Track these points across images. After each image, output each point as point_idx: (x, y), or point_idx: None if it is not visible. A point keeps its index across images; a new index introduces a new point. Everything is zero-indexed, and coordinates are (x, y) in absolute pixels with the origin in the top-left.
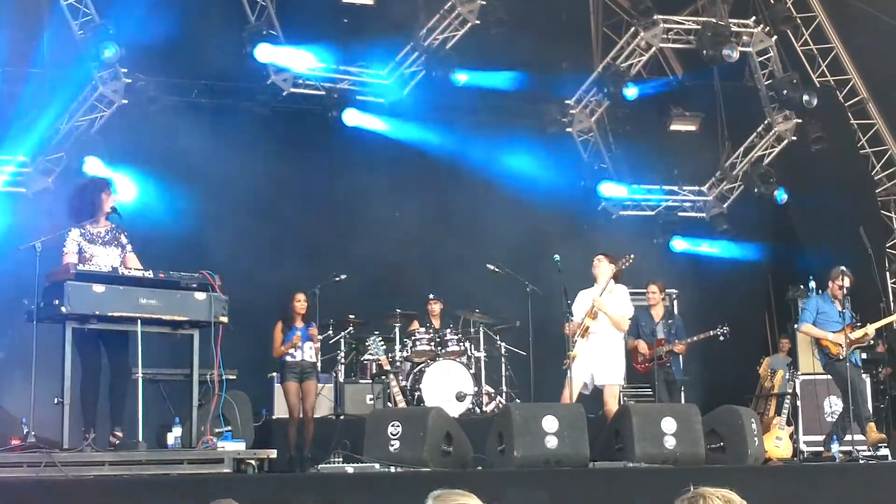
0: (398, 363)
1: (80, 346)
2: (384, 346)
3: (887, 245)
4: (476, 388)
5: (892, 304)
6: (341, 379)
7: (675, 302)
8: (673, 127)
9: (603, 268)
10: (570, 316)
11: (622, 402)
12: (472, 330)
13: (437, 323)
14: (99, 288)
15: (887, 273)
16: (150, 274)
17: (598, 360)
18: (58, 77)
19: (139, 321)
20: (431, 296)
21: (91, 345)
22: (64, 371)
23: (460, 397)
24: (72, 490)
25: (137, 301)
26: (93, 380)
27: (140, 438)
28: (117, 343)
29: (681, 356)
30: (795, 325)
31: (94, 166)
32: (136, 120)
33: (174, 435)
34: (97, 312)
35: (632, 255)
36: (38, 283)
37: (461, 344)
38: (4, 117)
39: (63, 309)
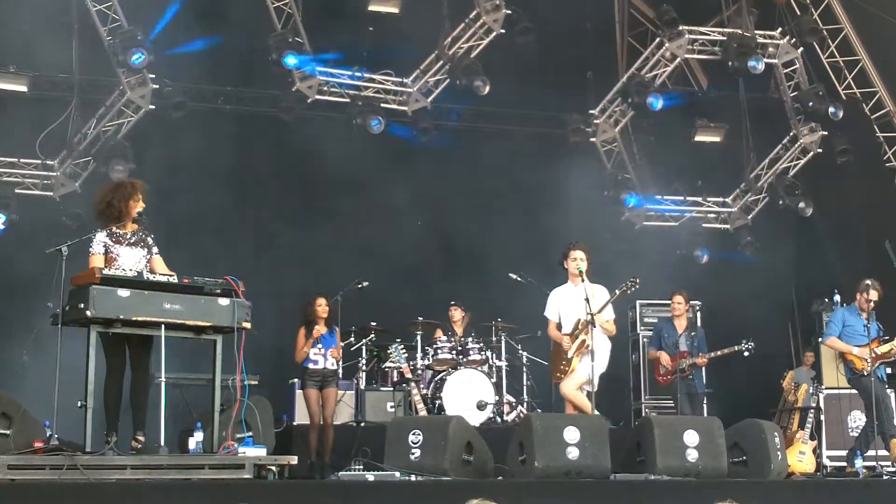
0: (419, 371)
1: (104, 349)
2: (406, 354)
3: None
4: (497, 398)
5: None
6: (362, 386)
7: (698, 314)
8: (697, 138)
9: (584, 266)
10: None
11: (645, 414)
12: (493, 339)
13: (458, 330)
14: (124, 292)
15: None
16: (174, 279)
17: (593, 367)
18: (86, 82)
19: (163, 326)
20: (452, 302)
21: (115, 348)
22: (87, 375)
23: (481, 406)
24: (93, 493)
25: (162, 306)
26: (116, 384)
27: (162, 443)
28: (140, 347)
29: (703, 369)
30: (820, 339)
31: (120, 171)
32: (162, 125)
33: (196, 440)
34: (121, 317)
35: (637, 279)
36: (63, 286)
37: (482, 353)
38: (33, 122)
39: (88, 313)
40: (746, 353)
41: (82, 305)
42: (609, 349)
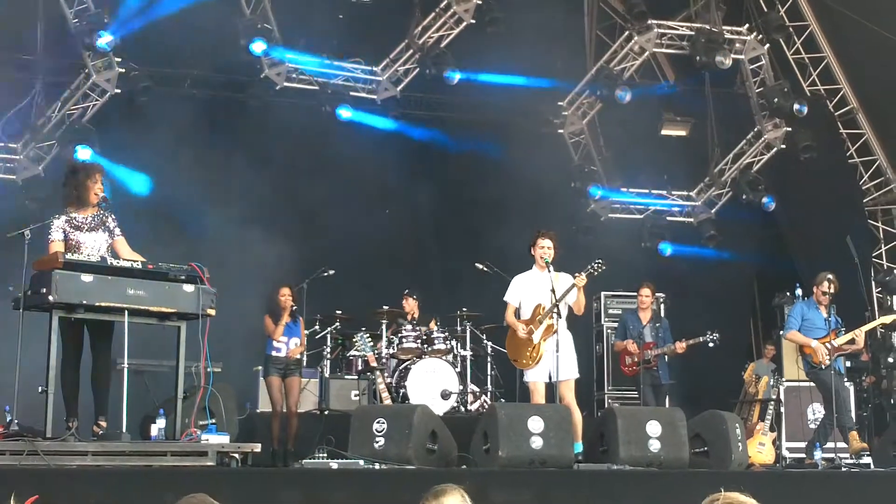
0: (384, 360)
1: (64, 334)
2: (371, 343)
3: (873, 254)
4: (461, 387)
5: (877, 313)
6: (327, 374)
7: (662, 306)
8: (664, 132)
9: (551, 254)
10: (557, 314)
11: (608, 405)
12: (458, 328)
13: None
14: (87, 277)
15: (873, 282)
16: (138, 265)
17: (557, 357)
18: (50, 65)
19: (126, 312)
20: (407, 290)
21: (74, 334)
22: (49, 360)
23: (445, 395)
24: (54, 479)
25: (125, 291)
26: (72, 369)
27: (124, 429)
28: (102, 333)
29: (667, 360)
30: (781, 332)
31: (84, 155)
32: (128, 109)
33: (158, 426)
34: (84, 302)
35: (602, 261)
36: (25, 271)
37: (447, 342)
38: None
39: (50, 298)
40: (712, 345)
41: (44, 290)
42: (572, 348)
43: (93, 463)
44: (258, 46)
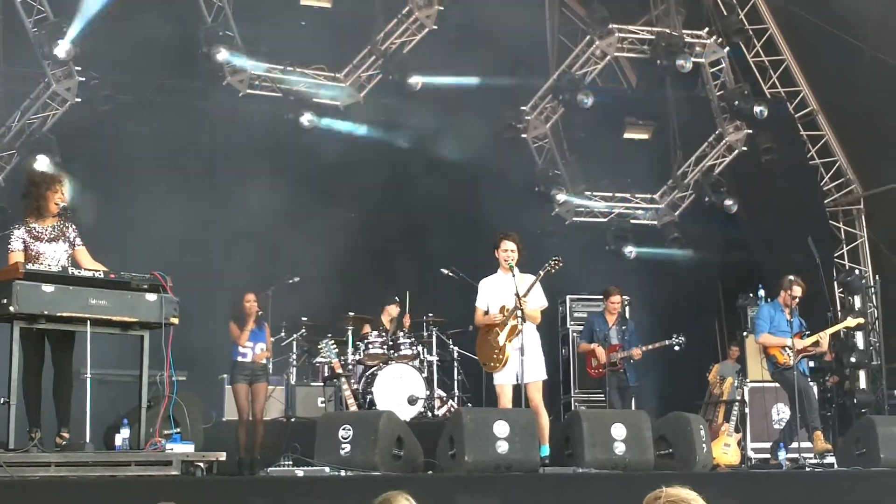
0: (350, 366)
1: (24, 345)
2: (336, 349)
3: (835, 255)
4: (428, 392)
5: (839, 313)
6: (293, 381)
7: (627, 308)
8: (626, 135)
9: (514, 257)
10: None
11: (574, 408)
12: (424, 334)
13: (389, 325)
14: (48, 287)
15: (835, 283)
16: (100, 274)
17: (524, 358)
18: (10, 74)
19: (88, 322)
20: (397, 298)
21: (35, 344)
22: (11, 371)
23: (412, 401)
24: (17, 491)
25: (87, 301)
26: (34, 379)
27: (87, 440)
28: (63, 343)
29: (633, 362)
30: (745, 333)
31: (44, 164)
32: (89, 118)
33: (122, 436)
34: (46, 312)
35: (559, 259)
36: None
37: (413, 347)
38: None
39: (11, 308)
40: (677, 348)
41: (5, 301)
42: (539, 349)
43: (56, 474)
44: (220, 53)
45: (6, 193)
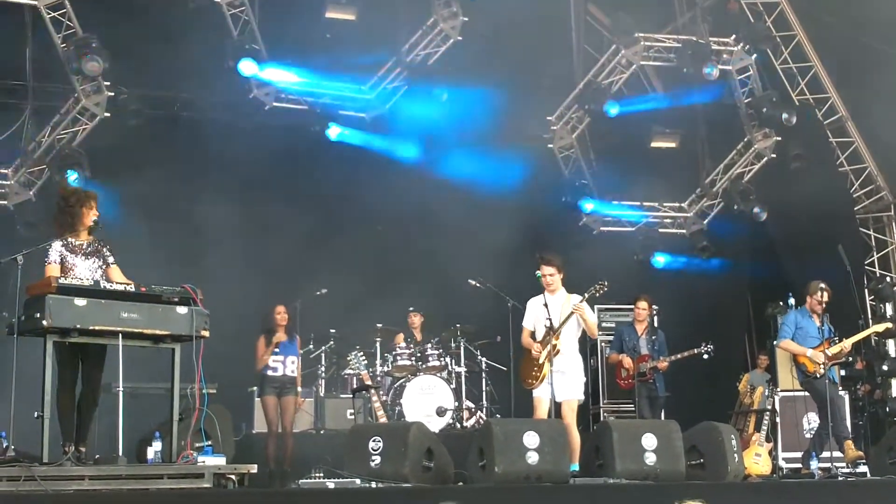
0: (379, 378)
1: (59, 359)
2: (365, 361)
3: (866, 262)
4: (456, 403)
5: (871, 321)
6: (322, 393)
7: (656, 318)
8: (653, 144)
9: (557, 278)
10: (553, 333)
11: (604, 418)
12: (452, 345)
13: (418, 336)
14: (80, 301)
15: (866, 290)
16: (131, 288)
17: (561, 376)
18: (40, 90)
19: (120, 335)
20: (412, 308)
21: (70, 359)
22: (45, 385)
23: (441, 412)
24: None
25: (119, 315)
26: (70, 394)
27: (120, 453)
28: (94, 359)
29: (662, 372)
30: (774, 342)
31: (75, 179)
32: (118, 133)
33: (154, 449)
34: (78, 326)
35: (605, 282)
36: (18, 296)
37: (442, 359)
38: None
39: (44, 322)
40: (706, 356)
41: (38, 315)
42: (580, 369)
43: (90, 487)
44: (247, 67)
45: (37, 209)
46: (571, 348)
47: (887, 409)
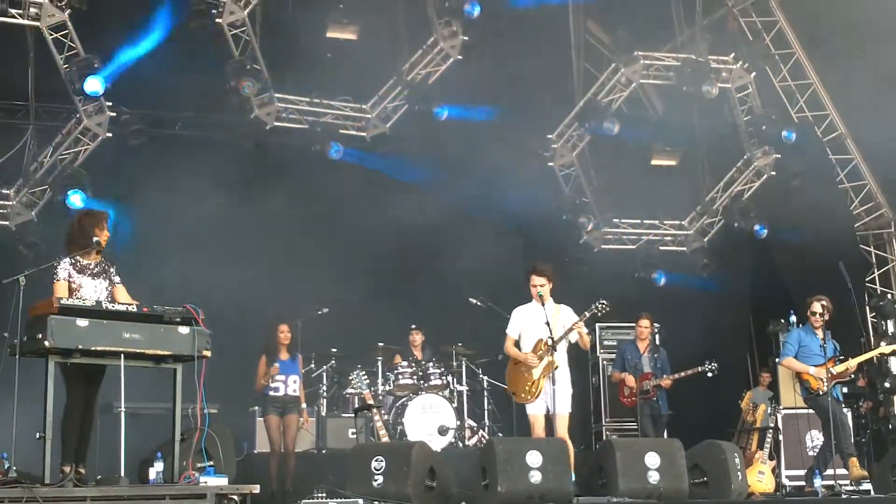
0: (381, 397)
1: (68, 383)
2: (367, 380)
3: (867, 279)
4: (458, 422)
5: (872, 338)
6: (324, 412)
7: (657, 336)
8: (654, 162)
9: (547, 289)
10: (553, 348)
11: (606, 437)
12: (454, 363)
13: (419, 354)
14: (82, 322)
15: (867, 307)
16: (133, 308)
17: (554, 391)
18: (42, 110)
19: (122, 356)
20: (413, 326)
21: (73, 379)
22: (46, 406)
23: (443, 431)
24: None
25: (121, 335)
26: (79, 416)
27: (122, 473)
28: (93, 378)
29: (665, 390)
30: (777, 359)
31: (77, 200)
32: (120, 153)
33: (156, 470)
34: (80, 346)
35: (606, 302)
36: (20, 317)
37: (443, 377)
38: None
39: (46, 343)
40: (710, 374)
41: (40, 336)
42: (568, 383)
43: None
44: (247, 87)
45: (39, 229)
46: (563, 361)
47: (890, 426)
